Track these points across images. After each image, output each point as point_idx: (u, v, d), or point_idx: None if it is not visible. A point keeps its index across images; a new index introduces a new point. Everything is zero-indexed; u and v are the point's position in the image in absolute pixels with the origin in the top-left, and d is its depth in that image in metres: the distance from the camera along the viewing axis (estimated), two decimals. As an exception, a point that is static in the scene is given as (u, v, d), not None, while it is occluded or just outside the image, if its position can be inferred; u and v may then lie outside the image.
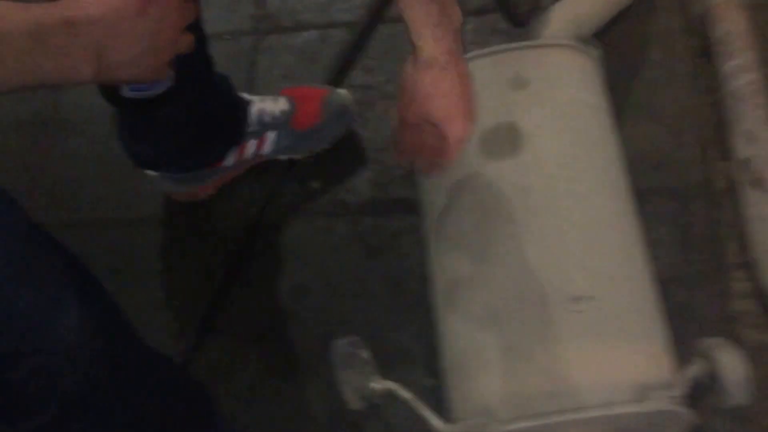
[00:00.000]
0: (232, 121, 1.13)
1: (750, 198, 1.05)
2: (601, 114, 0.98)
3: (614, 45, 1.18)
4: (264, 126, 1.16)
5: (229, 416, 0.92)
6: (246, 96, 1.16)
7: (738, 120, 1.10)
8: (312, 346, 1.09)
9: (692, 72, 1.20)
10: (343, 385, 0.87)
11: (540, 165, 0.90)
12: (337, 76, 1.28)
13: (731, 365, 0.81)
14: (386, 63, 1.30)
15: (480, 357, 0.85)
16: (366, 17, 1.32)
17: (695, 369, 0.83)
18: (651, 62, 1.22)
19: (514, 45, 1.01)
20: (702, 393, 0.86)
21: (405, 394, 0.87)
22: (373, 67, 1.30)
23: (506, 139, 0.91)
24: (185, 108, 0.97)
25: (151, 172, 1.17)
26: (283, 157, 1.20)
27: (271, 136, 1.16)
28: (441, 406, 0.87)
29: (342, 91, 1.21)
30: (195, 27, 0.72)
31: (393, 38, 1.31)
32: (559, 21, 1.11)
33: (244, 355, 1.10)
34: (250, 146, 1.16)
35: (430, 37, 0.77)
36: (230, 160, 1.16)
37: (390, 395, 0.88)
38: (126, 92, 0.74)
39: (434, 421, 0.84)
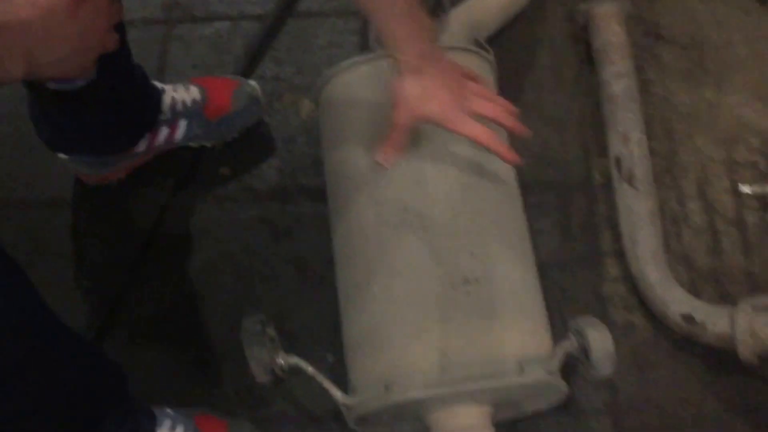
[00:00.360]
0: (146, 109, 1.14)
1: (622, 192, 1.11)
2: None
3: (506, 49, 1.24)
4: (176, 114, 1.17)
5: (140, 393, 0.94)
6: (158, 84, 1.17)
7: (614, 122, 1.15)
8: (221, 324, 1.10)
9: (576, 76, 1.27)
10: (251, 360, 0.90)
11: (435, 158, 0.93)
12: (247, 67, 1.29)
13: (600, 341, 0.87)
14: (295, 55, 1.32)
15: (379, 335, 0.88)
16: (276, 10, 1.34)
17: (569, 344, 0.88)
18: (540, 66, 1.28)
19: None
20: (575, 366, 0.93)
21: (309, 368, 0.90)
22: (282, 59, 1.32)
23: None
24: (102, 96, 0.98)
25: (62, 155, 1.16)
26: (194, 144, 1.21)
27: (182, 124, 1.18)
28: (342, 380, 0.91)
29: (251, 82, 1.23)
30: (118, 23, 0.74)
31: (302, 31, 1.34)
32: (456, 25, 1.14)
33: (155, 334, 1.11)
34: (162, 133, 1.17)
35: (410, 49, 0.84)
36: (142, 146, 1.16)
37: (295, 370, 0.91)
38: (50, 84, 0.76)
39: (336, 393, 0.89)
